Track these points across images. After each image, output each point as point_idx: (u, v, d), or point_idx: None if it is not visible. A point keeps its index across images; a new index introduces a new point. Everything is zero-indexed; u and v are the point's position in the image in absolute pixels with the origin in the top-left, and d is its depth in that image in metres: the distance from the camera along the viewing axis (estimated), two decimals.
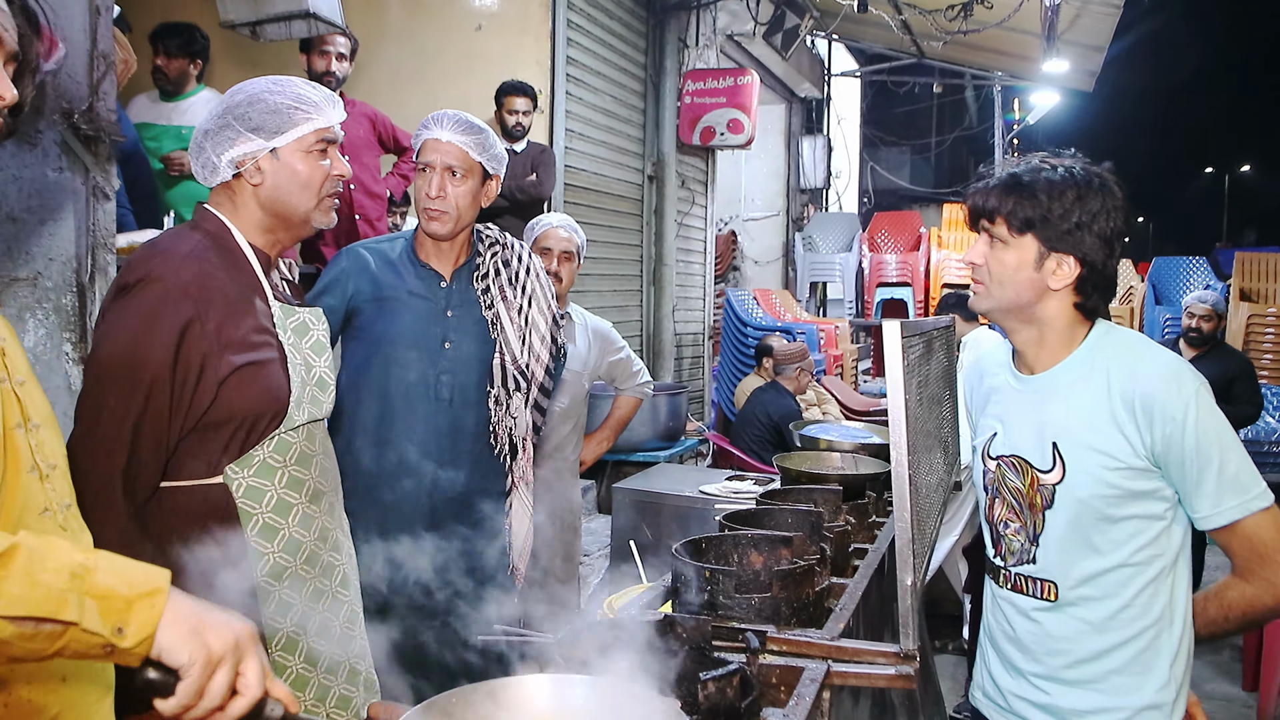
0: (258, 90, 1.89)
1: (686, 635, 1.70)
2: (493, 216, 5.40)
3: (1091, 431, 1.74)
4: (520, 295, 2.66)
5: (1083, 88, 11.12)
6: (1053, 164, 1.78)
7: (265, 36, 3.52)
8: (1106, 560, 1.76)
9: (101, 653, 1.03)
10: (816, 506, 2.60)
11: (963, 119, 18.53)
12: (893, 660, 1.73)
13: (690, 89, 7.76)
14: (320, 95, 1.92)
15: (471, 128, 2.55)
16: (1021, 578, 1.87)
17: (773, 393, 6.03)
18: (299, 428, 1.88)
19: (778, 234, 12.37)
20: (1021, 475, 1.85)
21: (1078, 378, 1.79)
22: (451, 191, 2.52)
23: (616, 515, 4.00)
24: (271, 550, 1.85)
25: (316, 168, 1.90)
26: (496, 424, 2.61)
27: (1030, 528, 1.84)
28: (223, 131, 1.86)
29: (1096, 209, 1.73)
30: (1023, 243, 1.77)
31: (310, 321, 1.96)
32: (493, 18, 6.07)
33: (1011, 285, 1.79)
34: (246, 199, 1.90)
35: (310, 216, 1.93)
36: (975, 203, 1.82)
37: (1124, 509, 1.74)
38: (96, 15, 3.14)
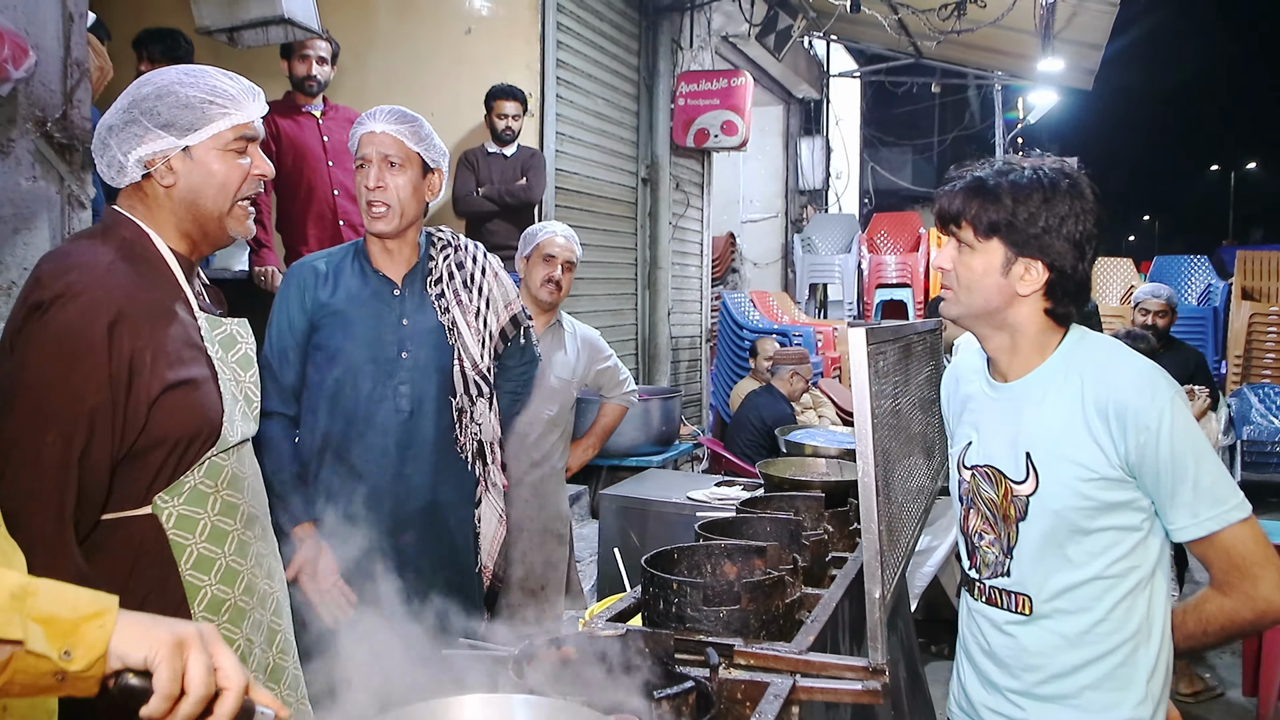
0: (167, 82, 1.71)
1: (648, 650, 1.66)
2: (483, 221, 5.38)
3: (1065, 441, 1.70)
4: (477, 297, 2.60)
5: (1082, 86, 11.06)
6: (1020, 165, 1.74)
7: (242, 43, 3.50)
8: (1081, 573, 1.72)
9: (53, 681, 1.00)
10: (798, 514, 2.56)
11: (965, 118, 18.48)
12: (860, 675, 1.69)
13: (684, 91, 7.72)
14: (238, 88, 1.76)
15: (405, 117, 2.49)
16: (996, 590, 1.83)
17: (766, 396, 6.00)
18: (231, 449, 1.75)
19: (776, 236, 12.33)
20: (995, 486, 1.81)
21: (1050, 386, 1.75)
22: (391, 182, 2.45)
23: (603, 521, 3.96)
24: (209, 583, 1.72)
25: (235, 167, 1.75)
26: (461, 433, 2.56)
27: (1004, 540, 1.80)
28: (129, 127, 1.69)
29: (1065, 212, 1.68)
30: (989, 247, 1.72)
31: (237, 333, 1.83)
32: (482, 21, 6.05)
33: (979, 291, 1.74)
34: (160, 201, 1.73)
35: (225, 222, 1.77)
36: (941, 206, 1.78)
37: (1099, 520, 1.69)
38: (70, 22, 3.11)
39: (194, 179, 1.72)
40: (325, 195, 4.39)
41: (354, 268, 2.54)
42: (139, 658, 1.03)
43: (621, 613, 2.01)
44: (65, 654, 0.99)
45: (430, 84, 5.97)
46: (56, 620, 1.00)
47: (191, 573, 1.70)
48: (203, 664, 1.06)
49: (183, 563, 1.68)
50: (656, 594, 1.90)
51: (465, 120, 5.88)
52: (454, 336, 2.54)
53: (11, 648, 0.98)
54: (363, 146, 2.49)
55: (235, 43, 3.53)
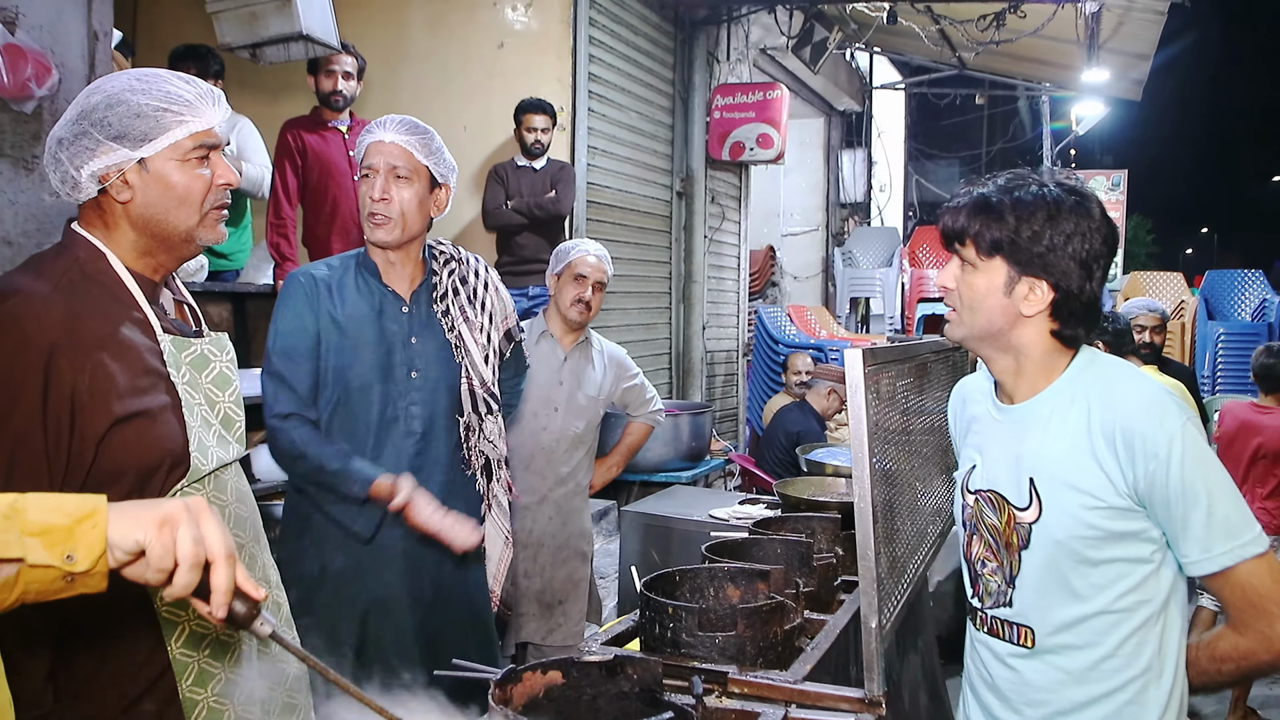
0: (118, 89, 1.59)
1: (637, 676, 1.62)
2: (513, 234, 5.38)
3: (1070, 467, 1.63)
4: (480, 313, 2.54)
5: (1130, 97, 10.85)
6: (1027, 182, 1.69)
7: (264, 60, 3.53)
8: (1087, 606, 1.64)
9: (64, 584, 1.08)
10: (812, 535, 2.51)
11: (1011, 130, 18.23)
12: (856, 706, 1.64)
13: (719, 104, 7.69)
14: (194, 92, 1.63)
15: (416, 128, 2.42)
16: (998, 621, 1.75)
17: (797, 412, 5.92)
18: (205, 478, 1.66)
19: (817, 249, 12.22)
20: (998, 512, 1.74)
21: (1056, 409, 1.68)
22: (396, 195, 2.37)
23: (624, 539, 3.93)
24: (186, 618, 1.64)
25: (195, 178, 1.63)
26: (469, 451, 2.52)
27: (1007, 568, 1.73)
28: (79, 140, 1.57)
29: (1070, 230, 1.62)
30: (991, 266, 1.66)
31: (210, 352, 1.73)
32: (514, 35, 6.07)
33: (982, 311, 1.69)
34: (117, 218, 1.62)
35: (194, 234, 1.66)
36: (945, 223, 1.73)
37: (1105, 551, 1.62)
38: (95, 41, 3.16)
39: (152, 193, 1.61)
40: (350, 210, 4.41)
41: (358, 282, 2.45)
42: (132, 543, 1.11)
43: (618, 637, 1.97)
44: (68, 558, 1.06)
45: (462, 98, 6.00)
46: (52, 529, 1.07)
47: (168, 610, 1.62)
48: (190, 536, 1.14)
49: (157, 599, 1.60)
50: (652, 618, 1.86)
51: (496, 134, 5.90)
52: (461, 354, 2.48)
53: (15, 564, 1.05)
54: (370, 155, 2.41)
55: (257, 59, 3.56)
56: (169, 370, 1.64)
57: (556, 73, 6.01)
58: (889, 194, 13.68)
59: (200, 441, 1.65)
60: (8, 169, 2.94)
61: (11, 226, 2.95)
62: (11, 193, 2.96)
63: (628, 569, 3.85)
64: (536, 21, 6.03)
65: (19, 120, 2.95)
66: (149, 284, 1.68)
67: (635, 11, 6.88)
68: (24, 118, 2.96)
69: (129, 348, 1.58)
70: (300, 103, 4.81)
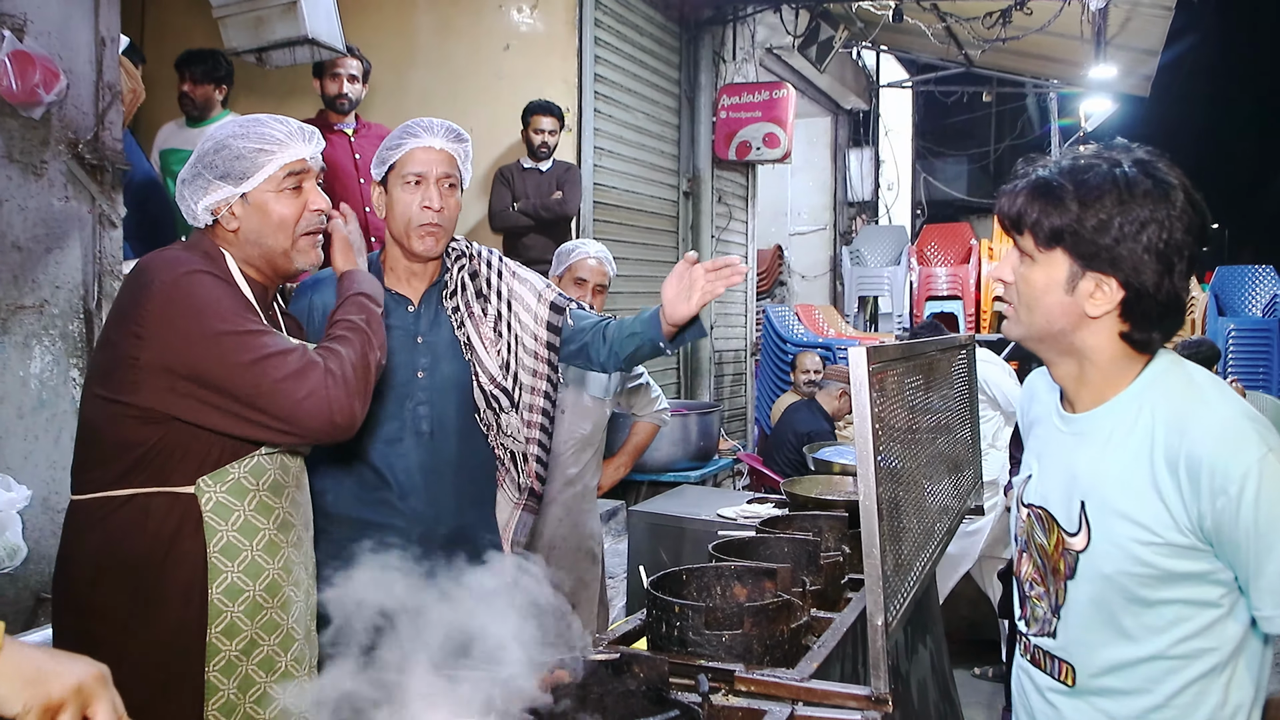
0: (225, 136, 1.89)
1: (643, 675, 1.63)
2: (519, 236, 5.40)
3: (1125, 495, 1.43)
4: (498, 301, 2.49)
5: (1138, 92, 10.81)
6: (1097, 160, 1.45)
7: (271, 63, 3.55)
8: (1138, 649, 1.45)
9: None
10: (820, 534, 2.51)
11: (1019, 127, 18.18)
12: (862, 704, 1.64)
13: (726, 103, 7.69)
14: (286, 130, 1.91)
15: (461, 135, 2.40)
16: (1040, 651, 1.59)
17: (805, 411, 5.91)
18: (276, 453, 1.89)
19: (825, 248, 12.21)
20: (1048, 533, 1.56)
21: (1118, 425, 1.47)
22: (448, 204, 2.35)
23: (632, 538, 3.93)
24: (231, 570, 1.82)
25: (290, 204, 1.90)
26: (495, 447, 2.50)
27: (1052, 596, 1.55)
28: (195, 180, 1.89)
29: (1145, 217, 1.39)
30: (1051, 259, 1.46)
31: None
32: (520, 38, 6.08)
33: (1040, 310, 1.49)
34: (230, 240, 1.92)
35: (290, 255, 1.93)
36: (1001, 208, 1.52)
37: (1161, 591, 1.42)
38: (103, 47, 3.18)
39: (253, 221, 1.89)
40: (357, 212, 4.41)
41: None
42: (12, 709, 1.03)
43: (625, 635, 1.98)
44: None
45: (469, 100, 6.02)
46: None
47: (217, 556, 1.81)
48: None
49: (211, 544, 1.80)
50: (659, 617, 1.87)
51: (504, 136, 5.91)
52: (469, 352, 2.45)
53: None
54: (415, 162, 2.32)
55: (264, 63, 3.58)
56: None
57: (562, 74, 6.02)
58: (896, 192, 13.66)
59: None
60: (17, 174, 2.96)
61: (21, 231, 2.97)
62: (21, 198, 2.98)
63: (636, 568, 3.85)
64: (542, 23, 6.04)
65: (28, 126, 2.97)
66: (260, 287, 1.94)
67: (640, 12, 6.88)
68: (33, 123, 2.98)
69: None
70: (305, 106, 4.83)
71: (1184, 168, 1.48)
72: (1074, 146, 16.02)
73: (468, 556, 2.45)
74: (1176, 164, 1.47)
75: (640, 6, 6.86)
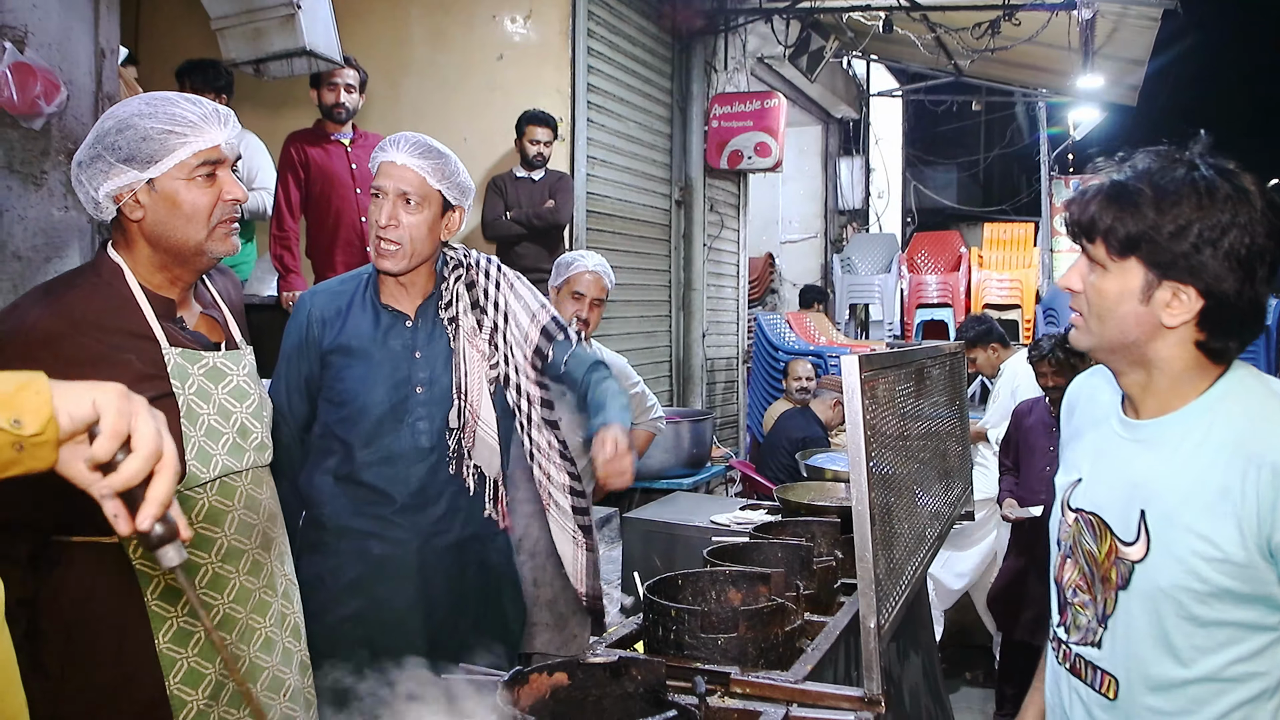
0: (128, 114, 1.68)
1: (641, 677, 1.66)
2: (512, 244, 5.43)
3: (1191, 507, 1.38)
4: (494, 313, 2.46)
5: (1126, 102, 10.90)
6: (1170, 164, 1.39)
7: (269, 74, 3.58)
8: (1187, 671, 1.40)
9: (14, 453, 1.01)
10: (812, 539, 2.55)
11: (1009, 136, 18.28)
12: (855, 705, 1.67)
13: (717, 113, 7.73)
14: (199, 113, 1.71)
15: (430, 151, 2.33)
16: (1082, 661, 1.54)
17: (799, 418, 5.95)
18: (207, 484, 1.74)
19: (816, 256, 12.28)
20: (1099, 540, 1.51)
21: (1188, 435, 1.42)
22: (405, 221, 2.29)
23: (626, 544, 3.96)
24: (174, 614, 1.70)
25: (201, 194, 1.70)
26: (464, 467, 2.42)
27: (1100, 605, 1.50)
28: (95, 163, 1.67)
29: (1225, 222, 1.33)
30: (1125, 268, 1.40)
31: (224, 365, 1.81)
32: (513, 48, 6.12)
33: (1113, 321, 1.43)
34: (134, 236, 1.72)
35: (204, 248, 1.73)
36: (1072, 214, 1.46)
37: (1216, 611, 1.37)
38: (102, 58, 3.21)
39: (160, 211, 1.69)
40: (353, 222, 4.46)
41: (365, 300, 2.41)
42: (87, 407, 1.02)
43: (622, 639, 2.01)
44: (15, 422, 0.99)
45: (462, 110, 6.05)
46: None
47: (158, 603, 1.69)
48: (151, 422, 1.05)
49: (148, 592, 1.68)
50: (656, 620, 1.90)
51: (497, 146, 5.94)
52: (457, 372, 2.41)
53: None
54: (379, 176, 2.33)
55: (261, 74, 3.61)
56: (173, 382, 1.71)
57: (555, 84, 6.06)
58: (887, 201, 13.73)
59: (202, 450, 1.72)
60: (17, 185, 2.99)
61: (21, 241, 3.00)
62: (21, 208, 3.00)
63: (630, 574, 3.88)
64: (535, 33, 6.08)
65: (28, 137, 3.00)
66: (163, 301, 1.75)
67: (633, 23, 6.94)
68: (33, 134, 3.01)
69: (117, 363, 1.64)
70: (302, 116, 4.86)
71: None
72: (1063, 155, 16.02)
73: (464, 566, 2.47)
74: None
75: (633, 17, 6.91)
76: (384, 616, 2.38)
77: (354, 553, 2.38)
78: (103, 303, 1.68)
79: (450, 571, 2.44)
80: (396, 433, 2.36)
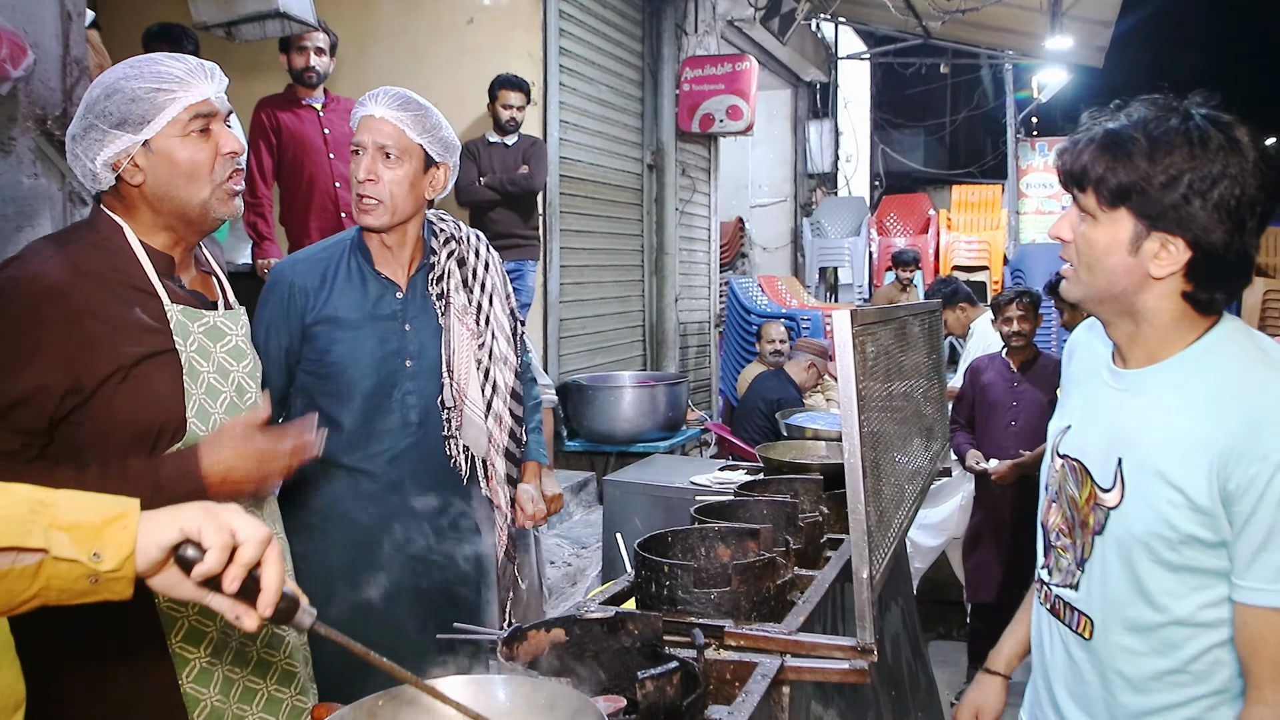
0: (114, 80, 1.66)
1: (637, 632, 1.68)
2: (486, 210, 5.40)
3: (1166, 456, 1.40)
4: (480, 292, 2.43)
5: (1093, 63, 10.98)
6: (1165, 113, 1.38)
7: (240, 37, 3.52)
8: (1158, 614, 1.44)
9: (88, 584, 1.06)
10: (796, 496, 2.58)
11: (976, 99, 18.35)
12: (849, 654, 1.71)
13: (689, 76, 7.70)
14: (185, 68, 1.68)
15: (409, 103, 2.27)
16: (1061, 602, 1.59)
17: (774, 380, 5.99)
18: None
19: (786, 220, 12.30)
20: (1081, 485, 1.54)
21: (1171, 386, 1.43)
22: (385, 176, 2.23)
23: (607, 507, 3.99)
24: (186, 615, 1.70)
25: (199, 149, 1.69)
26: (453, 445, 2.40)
27: (1078, 548, 1.55)
28: (88, 134, 1.65)
29: (1216, 173, 1.33)
30: (1115, 218, 1.40)
31: (224, 324, 1.81)
32: (483, 11, 6.05)
33: (1102, 271, 1.44)
34: (135, 200, 1.70)
35: (208, 207, 1.72)
36: (1065, 164, 1.46)
37: (1187, 558, 1.40)
38: (69, 21, 3.14)
39: (160, 171, 1.67)
40: (327, 188, 4.41)
41: (351, 268, 2.33)
42: (174, 533, 1.10)
43: (616, 595, 2.03)
44: (94, 556, 1.05)
45: (432, 74, 5.97)
46: (80, 526, 1.07)
47: (169, 603, 1.68)
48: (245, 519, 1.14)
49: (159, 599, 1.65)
50: (649, 577, 1.92)
51: (468, 111, 5.89)
52: (446, 349, 2.37)
53: (38, 554, 1.04)
54: (359, 131, 2.27)
55: (233, 37, 3.55)
56: (175, 339, 1.70)
57: (527, 47, 6.00)
58: (855, 164, 13.76)
59: (202, 408, 1.72)
60: None
61: None
62: None
63: (611, 536, 3.91)
64: None
65: None
66: (164, 258, 1.75)
67: None
68: (0, 100, 2.95)
69: (122, 314, 1.64)
70: (271, 81, 4.78)
71: None
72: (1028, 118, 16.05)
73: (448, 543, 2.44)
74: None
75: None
76: (370, 593, 2.34)
77: (339, 530, 2.34)
78: (105, 257, 1.68)
79: (439, 548, 2.43)
80: (386, 407, 2.31)
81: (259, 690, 1.82)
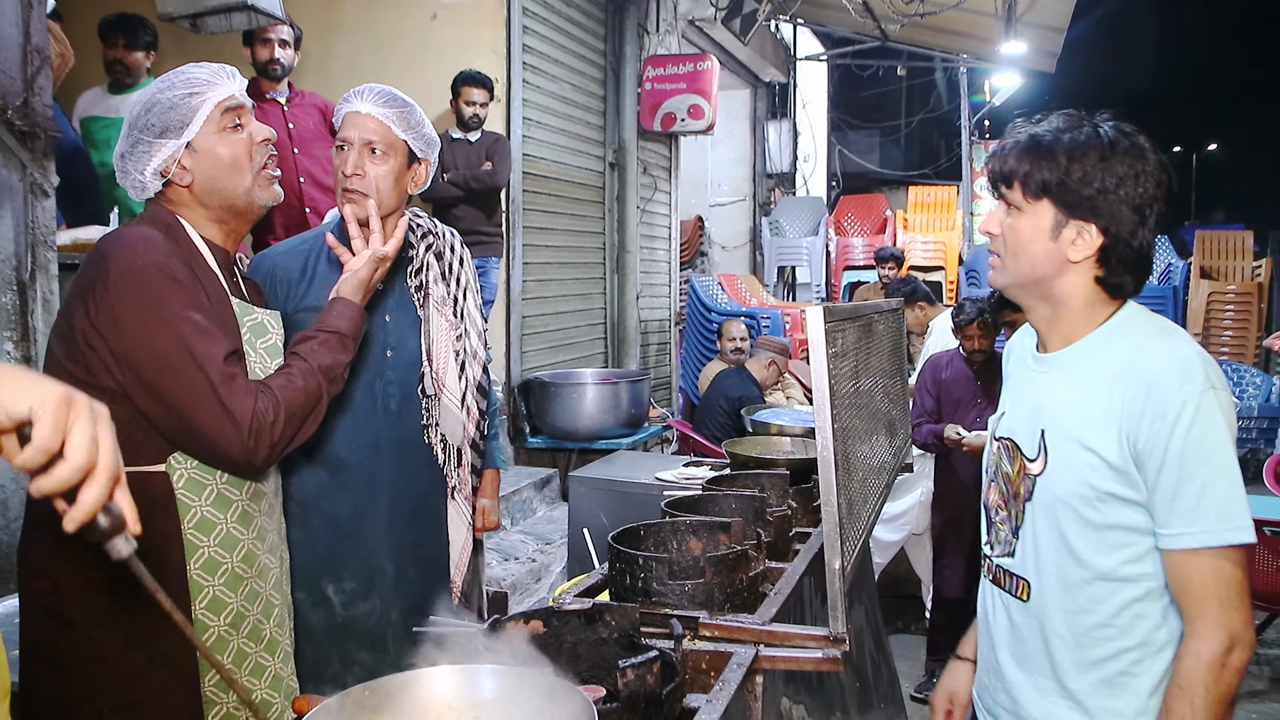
0: (151, 95, 1.85)
1: (614, 623, 1.71)
2: (449, 207, 5.39)
3: (1082, 423, 1.57)
4: (456, 287, 2.48)
5: (1044, 68, 11.19)
6: (1078, 123, 1.60)
7: (205, 29, 3.48)
8: (1084, 570, 1.59)
9: None
10: (763, 491, 2.62)
11: (931, 101, 18.59)
12: (821, 644, 1.75)
13: (650, 75, 7.73)
14: (208, 71, 1.87)
15: (395, 100, 2.31)
16: (1002, 570, 1.74)
17: (735, 378, 6.04)
18: None
19: (745, 219, 12.38)
20: (1012, 460, 1.72)
21: (1083, 363, 1.61)
22: (371, 171, 2.26)
23: (573, 503, 4.00)
24: (207, 544, 1.81)
25: (237, 141, 1.87)
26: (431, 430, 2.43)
27: (1013, 518, 1.71)
28: (136, 148, 1.83)
29: (1124, 172, 1.54)
30: (1038, 209, 1.59)
31: (268, 323, 1.94)
32: (447, 7, 6.03)
33: (1026, 256, 1.62)
34: (185, 201, 1.87)
35: (252, 194, 1.89)
36: (994, 167, 1.65)
37: (1106, 515, 1.56)
38: (29, 9, 3.09)
39: (206, 167, 1.84)
40: (291, 183, 4.36)
41: (332, 259, 2.33)
42: (24, 407, 0.97)
43: (589, 589, 2.05)
44: None
45: (395, 70, 5.93)
46: None
47: (193, 532, 1.79)
48: (88, 431, 1.01)
49: (185, 521, 1.78)
50: (623, 569, 1.94)
51: (431, 107, 5.86)
52: (427, 339, 2.41)
53: None
54: (345, 127, 2.29)
55: (198, 29, 3.51)
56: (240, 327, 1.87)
57: (491, 44, 5.99)
58: (813, 164, 13.89)
59: None
60: None
61: None
62: None
63: (578, 532, 3.93)
64: None
65: None
66: (222, 253, 1.91)
67: None
68: None
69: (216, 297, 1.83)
70: None
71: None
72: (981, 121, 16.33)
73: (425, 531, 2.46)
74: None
75: None
76: (349, 581, 2.36)
77: (319, 518, 2.35)
78: (178, 247, 1.81)
79: (414, 536, 2.44)
80: (367, 396, 2.34)
81: (268, 667, 1.90)
